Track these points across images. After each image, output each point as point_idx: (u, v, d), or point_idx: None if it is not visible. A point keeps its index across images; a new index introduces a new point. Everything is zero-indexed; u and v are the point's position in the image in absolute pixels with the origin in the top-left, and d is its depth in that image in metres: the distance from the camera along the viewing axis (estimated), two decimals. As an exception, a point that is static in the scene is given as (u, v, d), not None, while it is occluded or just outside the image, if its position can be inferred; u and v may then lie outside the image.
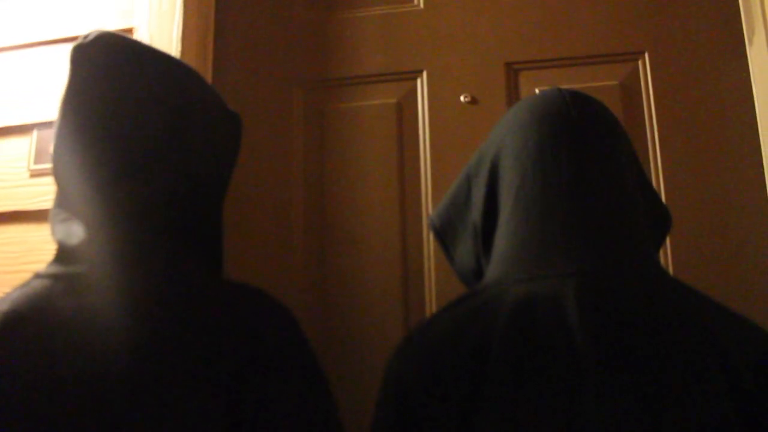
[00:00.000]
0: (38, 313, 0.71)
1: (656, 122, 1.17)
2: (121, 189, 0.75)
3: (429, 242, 1.21)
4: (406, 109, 1.27)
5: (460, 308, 0.73)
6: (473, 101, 1.23)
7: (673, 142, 1.16)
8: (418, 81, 1.27)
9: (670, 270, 1.11)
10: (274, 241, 1.25)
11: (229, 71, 1.30)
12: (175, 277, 0.74)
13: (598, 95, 0.83)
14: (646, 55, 1.20)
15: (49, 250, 0.77)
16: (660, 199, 0.85)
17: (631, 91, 1.20)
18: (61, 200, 0.79)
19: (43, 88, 1.31)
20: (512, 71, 1.24)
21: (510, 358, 0.65)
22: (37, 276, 0.75)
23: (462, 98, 1.23)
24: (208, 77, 1.25)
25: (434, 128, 1.24)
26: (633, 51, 1.21)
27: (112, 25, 1.27)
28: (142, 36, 1.22)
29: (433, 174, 1.22)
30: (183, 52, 1.19)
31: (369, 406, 0.74)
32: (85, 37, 0.80)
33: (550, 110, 0.78)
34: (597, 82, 1.19)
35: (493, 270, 0.76)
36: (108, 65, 0.79)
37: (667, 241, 1.12)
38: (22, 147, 1.32)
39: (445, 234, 0.86)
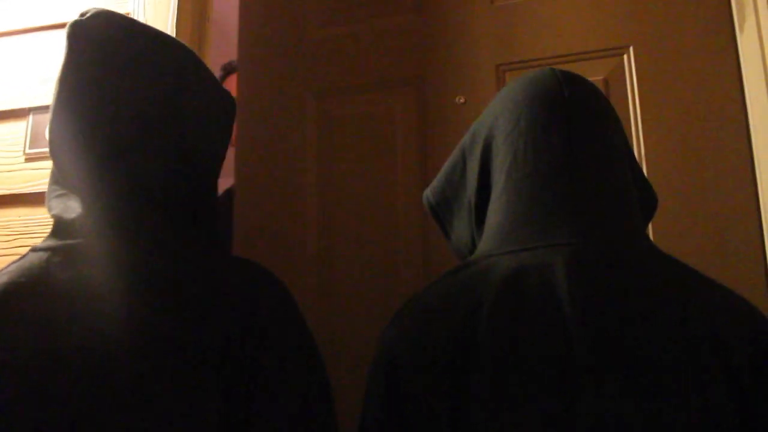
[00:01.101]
0: (36, 285, 0.71)
1: (641, 117, 1.18)
2: (117, 164, 0.76)
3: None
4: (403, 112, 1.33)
5: (451, 280, 0.74)
6: (466, 102, 1.28)
7: (658, 137, 1.16)
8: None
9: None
10: (288, 241, 1.33)
11: (251, 80, 1.42)
12: (169, 250, 0.75)
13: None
14: (631, 50, 1.21)
15: (45, 233, 0.77)
16: (647, 181, 0.86)
17: (616, 86, 1.21)
18: (58, 176, 0.80)
19: (38, 73, 1.33)
20: (501, 72, 1.28)
21: (500, 328, 0.66)
22: (34, 249, 0.76)
23: (457, 100, 1.28)
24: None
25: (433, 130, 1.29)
26: (617, 46, 1.22)
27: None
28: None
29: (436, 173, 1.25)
30: (177, 37, 1.20)
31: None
32: (83, 14, 0.80)
33: (543, 89, 0.79)
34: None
35: (484, 243, 0.77)
36: (104, 42, 0.79)
37: (650, 233, 1.14)
38: (18, 131, 1.33)
39: (440, 210, 0.87)
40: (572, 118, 0.77)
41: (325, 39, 1.42)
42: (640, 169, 0.86)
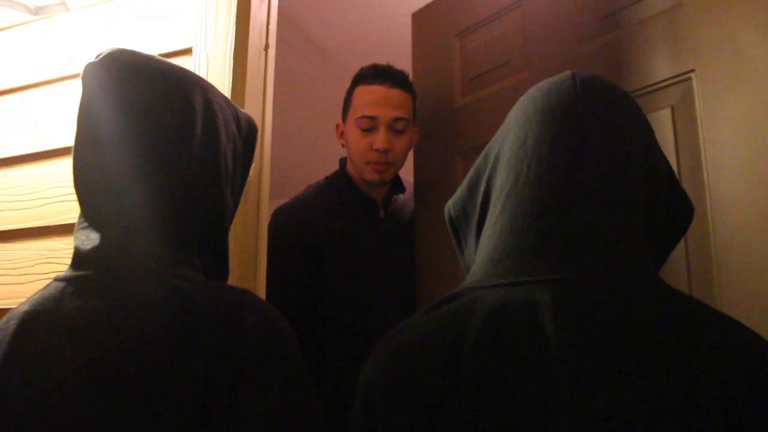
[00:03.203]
0: (50, 314, 0.78)
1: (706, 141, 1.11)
2: (122, 199, 0.81)
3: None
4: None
5: (435, 313, 0.70)
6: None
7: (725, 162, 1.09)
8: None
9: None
10: (448, 276, 1.54)
11: (422, 143, 1.74)
12: (167, 284, 0.78)
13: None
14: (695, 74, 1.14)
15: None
16: (680, 191, 0.79)
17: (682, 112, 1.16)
18: (82, 209, 0.85)
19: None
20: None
21: (482, 365, 0.62)
22: (55, 279, 0.82)
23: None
24: (259, 93, 1.30)
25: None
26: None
27: (173, 45, 1.34)
28: (199, 55, 1.29)
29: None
30: (235, 68, 1.24)
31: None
32: (98, 55, 0.85)
33: (557, 101, 0.72)
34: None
35: (473, 273, 0.73)
36: (114, 83, 0.84)
37: (714, 268, 1.07)
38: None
39: (459, 224, 0.82)
40: (584, 136, 0.70)
41: (467, 105, 1.62)
42: (672, 178, 0.78)
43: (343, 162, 1.79)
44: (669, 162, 0.80)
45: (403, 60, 1.76)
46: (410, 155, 1.74)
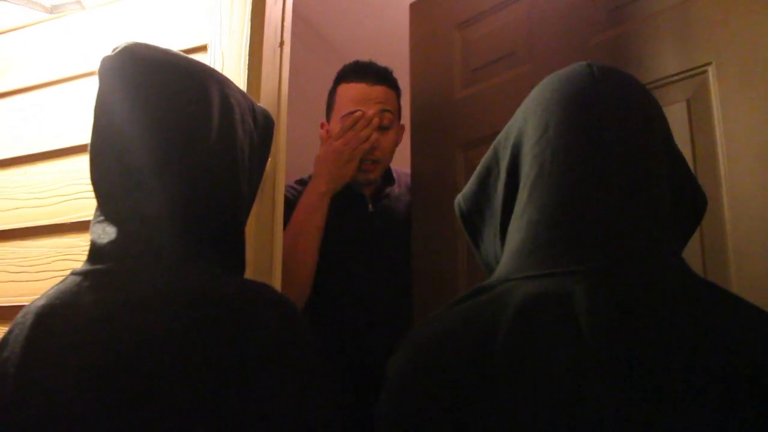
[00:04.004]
0: (66, 308, 0.78)
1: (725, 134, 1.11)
2: (139, 193, 0.80)
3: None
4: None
5: (464, 304, 0.70)
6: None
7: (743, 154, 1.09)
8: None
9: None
10: (446, 270, 1.53)
11: (420, 135, 1.69)
12: (185, 278, 0.78)
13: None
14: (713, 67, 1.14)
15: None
16: (695, 181, 0.78)
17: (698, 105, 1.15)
18: (98, 203, 0.85)
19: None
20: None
21: (515, 356, 0.61)
22: (72, 273, 0.82)
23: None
24: (274, 90, 1.31)
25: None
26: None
27: (187, 42, 1.35)
28: (214, 52, 1.30)
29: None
30: (250, 65, 1.25)
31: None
32: (114, 49, 0.85)
33: (576, 90, 0.72)
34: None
35: (503, 265, 0.72)
36: (130, 77, 0.84)
37: (732, 256, 1.07)
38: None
39: (472, 219, 0.81)
40: (606, 123, 0.70)
41: (469, 97, 1.59)
42: (687, 170, 0.78)
43: None
44: (682, 153, 0.79)
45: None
46: (407, 147, 1.71)
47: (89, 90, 1.43)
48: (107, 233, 0.80)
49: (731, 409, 0.56)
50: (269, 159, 1.07)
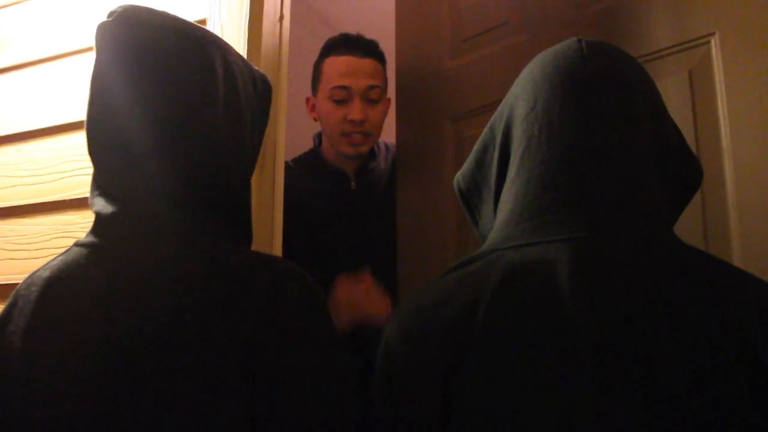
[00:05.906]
0: (72, 281, 0.75)
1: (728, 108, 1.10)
2: (144, 165, 0.77)
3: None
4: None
5: (452, 274, 0.72)
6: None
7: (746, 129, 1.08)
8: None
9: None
10: (432, 246, 1.50)
11: (406, 106, 1.63)
12: (195, 248, 0.76)
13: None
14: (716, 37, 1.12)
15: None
16: (691, 155, 0.79)
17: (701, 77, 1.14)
18: (97, 176, 0.82)
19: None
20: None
21: (497, 323, 0.63)
22: (75, 245, 0.79)
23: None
24: (275, 64, 1.30)
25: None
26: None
27: (186, 15, 1.32)
28: (213, 26, 1.28)
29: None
30: (250, 39, 1.23)
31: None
32: (111, 14, 0.81)
33: (564, 65, 0.73)
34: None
35: (492, 236, 0.74)
36: (129, 44, 0.80)
37: (735, 230, 1.07)
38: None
39: (470, 196, 0.83)
40: (592, 99, 0.71)
41: (459, 67, 1.55)
42: (680, 142, 0.79)
43: (317, 139, 1.75)
44: (677, 125, 0.80)
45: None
46: (392, 118, 1.68)
47: (86, 65, 1.41)
48: (112, 206, 0.78)
49: (712, 376, 0.57)
50: (269, 137, 1.06)
